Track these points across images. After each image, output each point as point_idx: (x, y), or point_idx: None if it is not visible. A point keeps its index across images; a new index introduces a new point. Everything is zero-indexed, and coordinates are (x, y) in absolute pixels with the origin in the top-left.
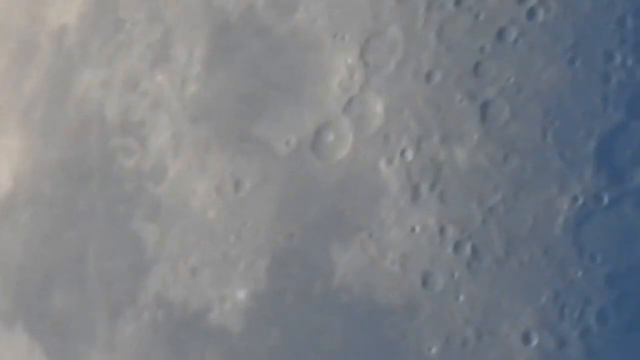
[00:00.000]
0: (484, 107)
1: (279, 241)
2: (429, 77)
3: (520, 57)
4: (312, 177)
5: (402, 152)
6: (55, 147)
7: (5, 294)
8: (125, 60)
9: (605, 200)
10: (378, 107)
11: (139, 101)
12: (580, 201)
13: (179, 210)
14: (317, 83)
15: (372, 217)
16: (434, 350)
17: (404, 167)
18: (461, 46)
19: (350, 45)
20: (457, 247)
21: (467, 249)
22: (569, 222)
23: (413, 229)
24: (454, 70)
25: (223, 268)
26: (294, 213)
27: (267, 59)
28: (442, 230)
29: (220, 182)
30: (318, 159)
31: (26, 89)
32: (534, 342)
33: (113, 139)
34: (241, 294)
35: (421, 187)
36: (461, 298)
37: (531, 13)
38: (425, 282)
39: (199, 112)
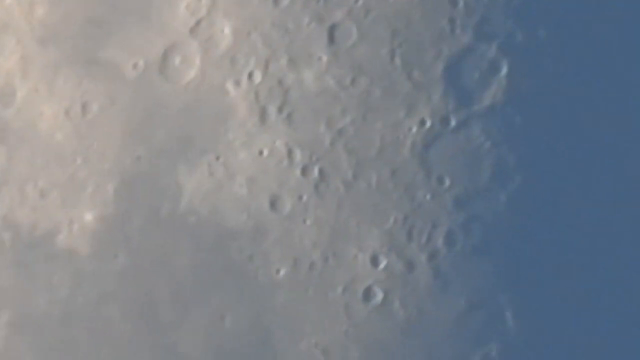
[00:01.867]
0: (332, 29)
1: (127, 164)
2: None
3: None
4: (160, 100)
5: (250, 75)
6: None
7: None
8: None
9: (453, 122)
10: (226, 29)
11: None
12: (428, 124)
13: (27, 133)
14: (164, 6)
15: (220, 140)
16: (281, 273)
17: (252, 90)
18: None
19: None
20: (305, 170)
21: (315, 171)
22: (417, 145)
23: (261, 152)
24: None
25: (71, 191)
26: (141, 136)
27: None
28: (290, 153)
29: (68, 105)
30: (165, 82)
31: None
32: (382, 264)
33: None
34: (89, 217)
35: (269, 109)
36: (309, 221)
37: None
38: (273, 205)
39: (47, 35)
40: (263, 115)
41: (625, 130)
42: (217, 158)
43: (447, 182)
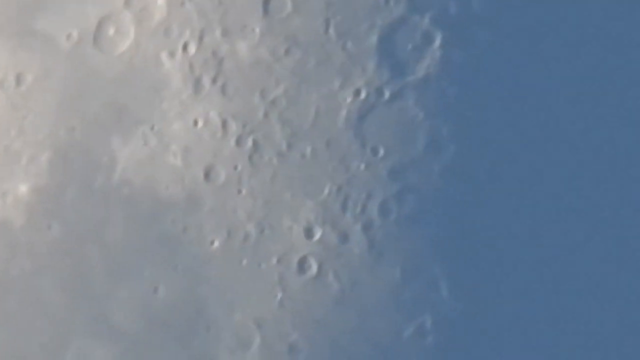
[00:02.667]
0: (266, 0)
1: (61, 135)
2: None
3: None
4: (94, 71)
5: (184, 46)
6: None
7: None
8: None
9: (387, 93)
10: (160, 0)
11: None
12: (363, 94)
13: None
14: None
15: (154, 111)
16: (215, 244)
17: (186, 61)
18: None
19: None
20: (239, 140)
21: (249, 142)
22: (351, 116)
23: (195, 123)
24: None
25: (5, 162)
26: (75, 107)
27: None
28: (224, 124)
29: (1, 76)
30: (100, 53)
31: None
32: (317, 235)
33: None
34: (23, 188)
35: (203, 80)
36: (243, 192)
37: None
38: (207, 176)
39: None
40: (197, 85)
41: (558, 99)
42: (152, 128)
43: (382, 153)
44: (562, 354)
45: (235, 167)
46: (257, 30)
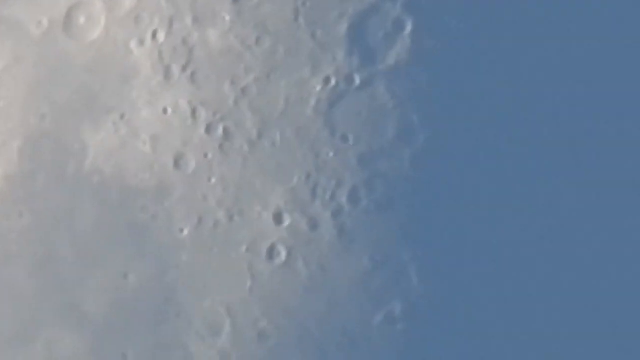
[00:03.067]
0: None
1: (31, 123)
2: None
3: None
4: (64, 59)
5: (154, 34)
6: None
7: None
8: None
9: (358, 81)
10: None
11: None
12: (333, 82)
13: None
14: None
15: (124, 99)
16: (185, 231)
17: (156, 49)
18: None
19: None
20: (210, 128)
21: (220, 130)
22: (321, 103)
23: (165, 111)
24: None
25: None
26: (45, 94)
27: None
28: (194, 112)
29: None
30: (70, 41)
31: None
32: (286, 222)
33: None
34: None
35: (173, 68)
36: (213, 179)
37: None
38: (177, 164)
39: None
40: (167, 73)
41: (528, 86)
42: (122, 116)
43: (352, 140)
44: (531, 338)
45: (205, 155)
46: (227, 18)
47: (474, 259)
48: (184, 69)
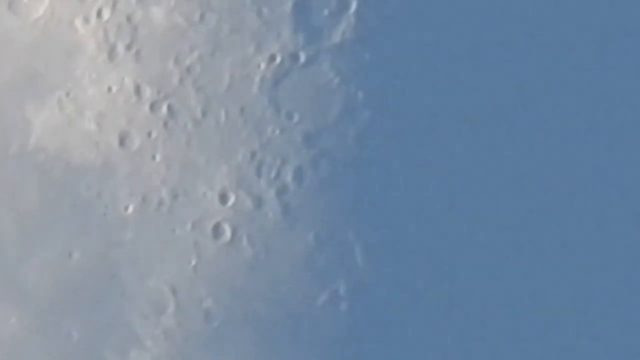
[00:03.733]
0: None
1: None
2: None
3: None
4: (8, 36)
5: (99, 12)
6: None
7: None
8: None
9: (302, 59)
10: None
11: None
12: (278, 60)
13: None
14: None
15: (69, 77)
16: (130, 210)
17: (100, 27)
18: None
19: None
20: (154, 106)
21: (164, 108)
22: (266, 81)
23: (110, 89)
24: None
25: None
26: None
27: None
28: (138, 90)
29: None
30: (14, 18)
31: None
32: (231, 201)
33: None
34: None
35: (117, 46)
36: (158, 158)
37: None
38: (121, 142)
39: None
40: (112, 52)
41: (474, 64)
42: (67, 94)
43: (296, 118)
44: (476, 319)
45: (150, 133)
46: None
47: (419, 238)
48: (128, 47)
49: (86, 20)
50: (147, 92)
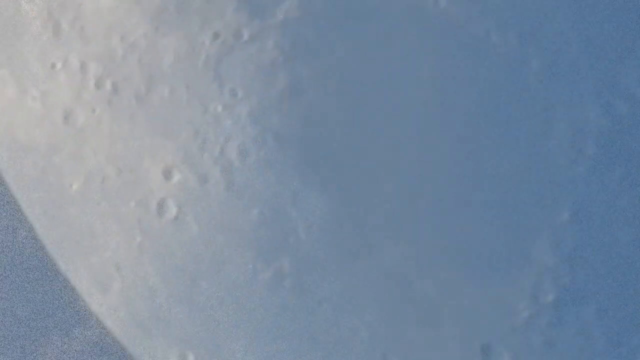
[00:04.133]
0: None
1: None
2: None
3: None
4: None
5: None
6: None
7: None
8: None
9: (246, 36)
10: None
11: None
12: (222, 37)
13: None
14: None
15: (13, 55)
16: (74, 187)
17: (45, 4)
18: None
19: None
20: (98, 83)
21: (108, 85)
22: (210, 58)
23: (54, 66)
24: None
25: None
26: None
27: None
28: (83, 67)
29: None
30: None
31: None
32: (176, 178)
33: None
34: None
35: (62, 23)
36: (102, 134)
37: None
38: (66, 119)
39: None
40: (56, 29)
41: (417, 42)
42: (11, 72)
43: (241, 95)
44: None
45: (94, 110)
46: None
47: (363, 214)
48: (72, 24)
49: None
50: (92, 69)
